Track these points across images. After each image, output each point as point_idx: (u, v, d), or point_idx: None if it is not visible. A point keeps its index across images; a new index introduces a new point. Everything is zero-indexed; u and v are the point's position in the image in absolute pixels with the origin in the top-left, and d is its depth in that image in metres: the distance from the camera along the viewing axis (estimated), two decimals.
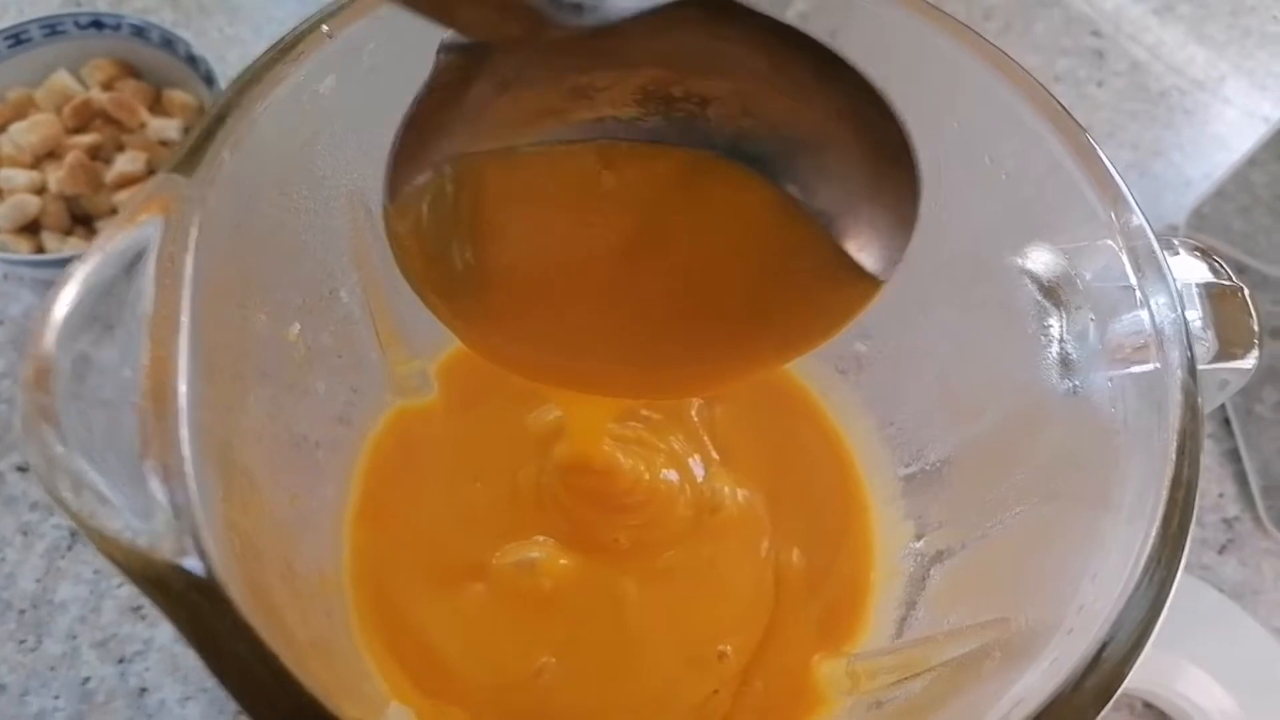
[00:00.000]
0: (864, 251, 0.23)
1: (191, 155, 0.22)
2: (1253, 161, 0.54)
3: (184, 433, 0.21)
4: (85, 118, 0.48)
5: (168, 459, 0.20)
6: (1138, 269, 0.25)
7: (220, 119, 0.23)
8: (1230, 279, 0.28)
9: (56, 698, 0.38)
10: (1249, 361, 0.27)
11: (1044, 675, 0.21)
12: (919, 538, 0.32)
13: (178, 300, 0.21)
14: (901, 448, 0.34)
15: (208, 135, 0.22)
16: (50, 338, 0.20)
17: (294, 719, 0.18)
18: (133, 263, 0.21)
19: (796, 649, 0.32)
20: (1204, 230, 0.55)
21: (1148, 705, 0.43)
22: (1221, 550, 0.47)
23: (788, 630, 0.32)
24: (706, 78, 0.22)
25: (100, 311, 0.21)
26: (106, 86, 0.49)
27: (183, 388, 0.21)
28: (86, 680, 0.39)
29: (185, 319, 0.21)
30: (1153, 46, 0.63)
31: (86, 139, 0.48)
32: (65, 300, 0.21)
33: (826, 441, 0.36)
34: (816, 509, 0.34)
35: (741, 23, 0.20)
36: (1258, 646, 0.43)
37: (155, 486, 0.20)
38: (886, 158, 0.22)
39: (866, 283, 0.23)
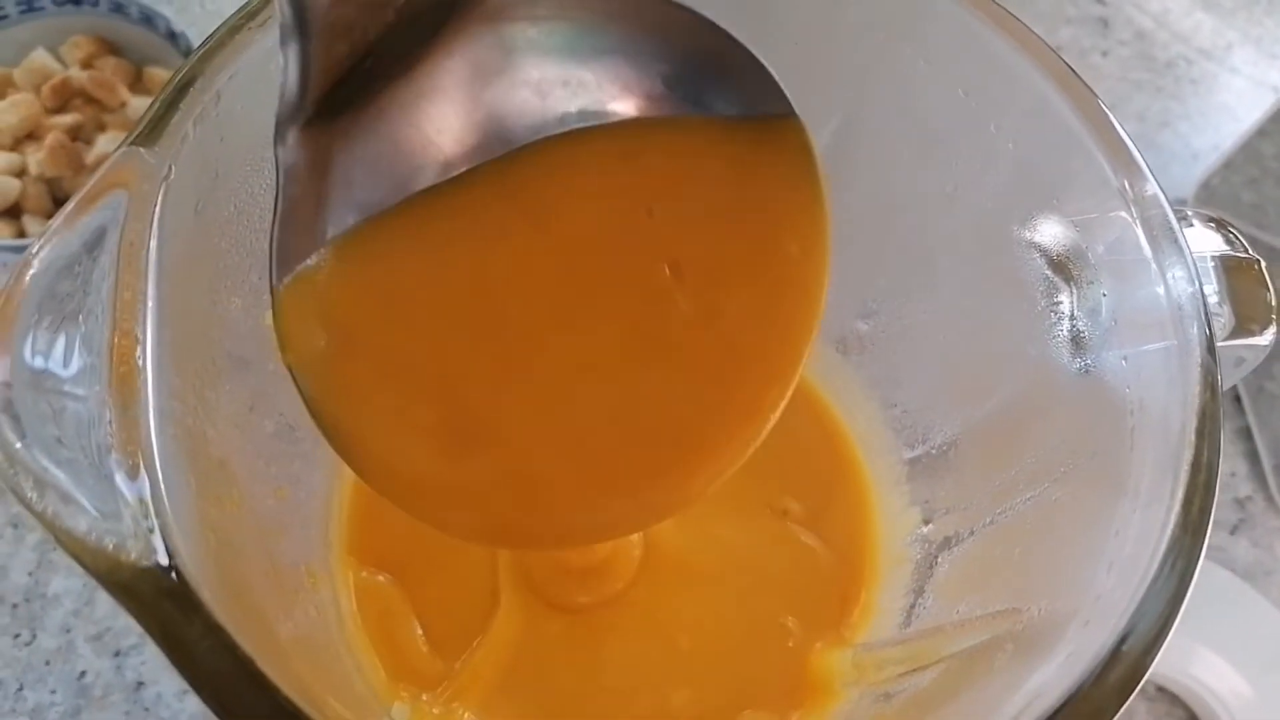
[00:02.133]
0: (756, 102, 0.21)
1: (153, 127, 0.21)
2: (1262, 132, 0.53)
3: (152, 423, 0.20)
4: (65, 97, 0.47)
5: (134, 452, 0.19)
6: (1153, 241, 0.24)
7: (183, 89, 0.21)
8: (1247, 251, 0.27)
9: (53, 692, 0.38)
10: (1267, 338, 0.26)
11: (1061, 668, 0.20)
12: (926, 523, 0.31)
13: (142, 282, 0.20)
14: (906, 430, 0.32)
15: (170, 106, 0.21)
16: (6, 325, 0.19)
17: None
18: (94, 242, 0.20)
19: (797, 639, 0.31)
20: (1212, 203, 0.54)
21: (1160, 689, 0.42)
22: (1233, 531, 0.46)
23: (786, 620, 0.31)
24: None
25: (61, 295, 0.20)
26: (86, 64, 0.48)
27: (150, 375, 0.20)
28: (83, 674, 0.38)
29: (151, 302, 0.20)
30: (1158, 15, 0.62)
31: (67, 119, 0.47)
32: (22, 284, 0.20)
33: (826, 424, 0.34)
34: (816, 496, 0.33)
35: None
36: (1271, 628, 0.42)
37: (121, 482, 0.19)
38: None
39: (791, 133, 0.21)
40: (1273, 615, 0.42)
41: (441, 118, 0.20)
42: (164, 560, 0.18)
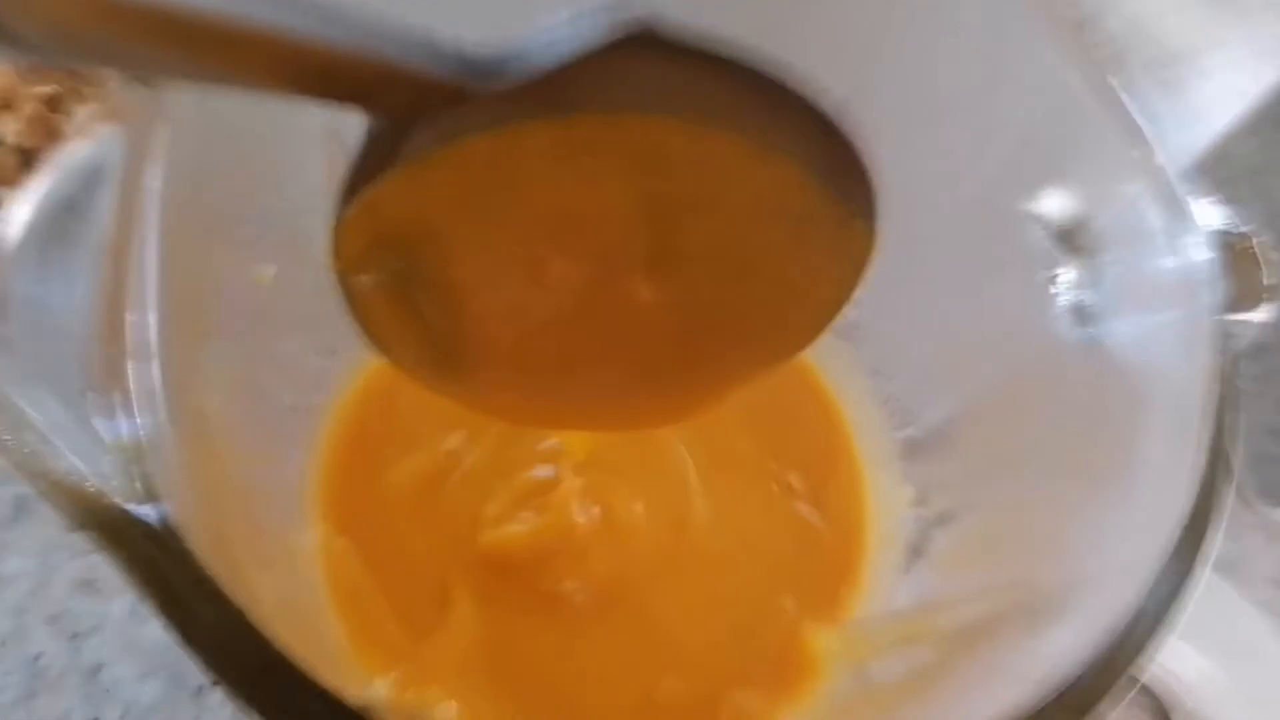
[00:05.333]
0: (843, 191, 0.22)
1: None
2: (1233, 135, 0.54)
3: (137, 367, 0.19)
4: (43, 67, 0.46)
5: (116, 394, 0.18)
6: (1162, 209, 0.23)
7: None
8: (1242, 228, 0.26)
9: (8, 674, 0.36)
10: (1259, 314, 0.26)
11: (1076, 637, 0.20)
12: (920, 501, 0.30)
13: (140, 221, 0.19)
14: (898, 407, 0.32)
15: None
16: None
17: (264, 678, 0.16)
18: (91, 178, 0.19)
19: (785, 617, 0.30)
20: None
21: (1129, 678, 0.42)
22: None
23: (774, 597, 0.31)
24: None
25: (57, 235, 0.19)
26: None
27: (140, 319, 0.19)
28: (38, 657, 0.37)
29: (147, 246, 0.19)
30: (1132, 19, 0.62)
31: (45, 89, 0.45)
32: (16, 224, 0.18)
33: (814, 399, 0.34)
34: (814, 472, 0.32)
35: (676, 53, 0.19)
36: (1245, 621, 0.42)
37: (102, 425, 0.18)
38: (834, 143, 0.21)
39: (858, 225, 0.23)
40: (1246, 609, 0.42)
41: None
42: (147, 503, 0.17)
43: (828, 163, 0.21)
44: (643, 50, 0.18)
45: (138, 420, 0.18)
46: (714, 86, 0.20)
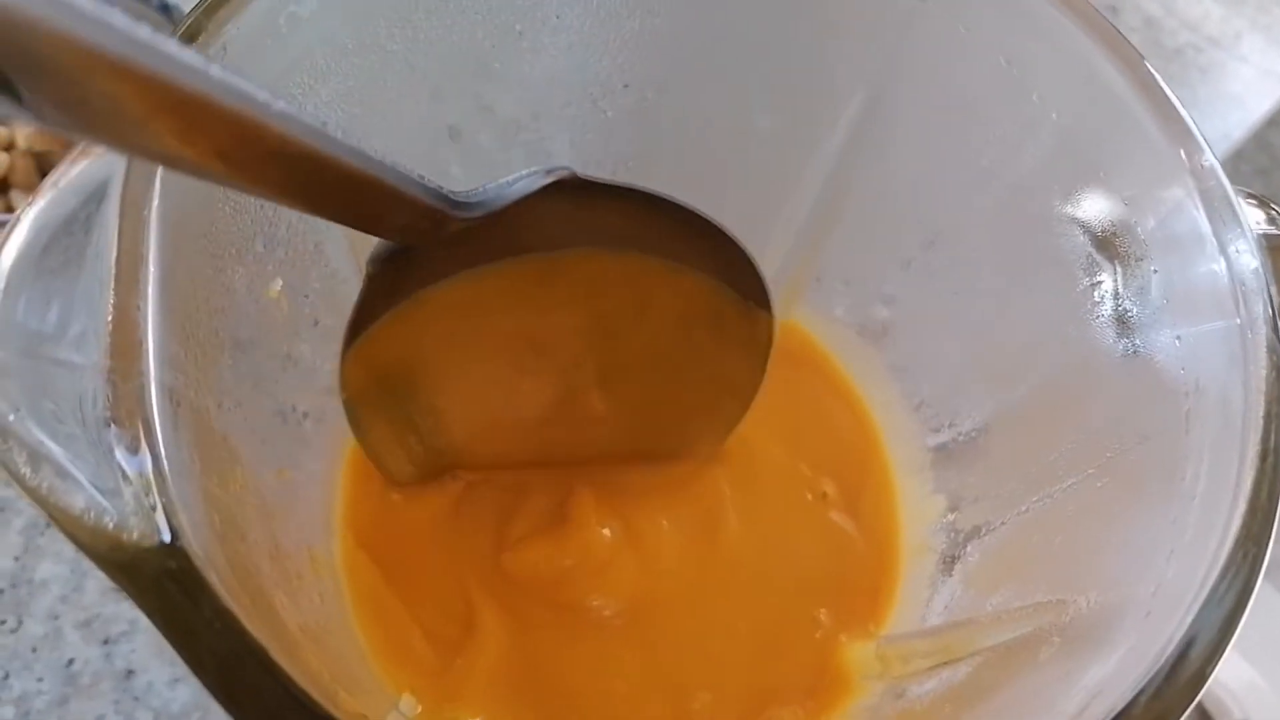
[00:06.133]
0: (744, 290, 0.27)
1: None
2: (1272, 122, 0.53)
3: (154, 395, 0.18)
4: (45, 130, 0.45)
5: (135, 425, 0.18)
6: (1211, 214, 0.22)
7: (189, 41, 0.20)
8: None
9: (40, 680, 0.36)
10: None
11: (1121, 664, 0.19)
12: (952, 511, 0.29)
13: (144, 243, 0.19)
14: (930, 414, 0.31)
15: None
16: None
17: (282, 715, 0.16)
18: (94, 196, 0.19)
19: (820, 630, 0.29)
20: None
21: None
22: None
23: (808, 610, 0.30)
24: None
25: (57, 256, 0.18)
26: None
27: (152, 344, 0.18)
28: (70, 662, 0.37)
29: (153, 266, 0.19)
30: (1167, 2, 0.61)
31: None
32: (14, 244, 0.18)
33: (844, 402, 0.33)
34: (847, 481, 0.32)
35: (599, 194, 0.24)
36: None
37: (122, 457, 0.17)
38: (731, 251, 0.26)
39: (761, 315, 0.28)
40: None
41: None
42: (168, 539, 0.17)
43: (729, 268, 0.26)
44: (574, 195, 0.23)
45: (161, 451, 0.18)
46: (630, 219, 0.25)
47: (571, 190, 0.23)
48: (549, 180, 0.23)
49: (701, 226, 0.25)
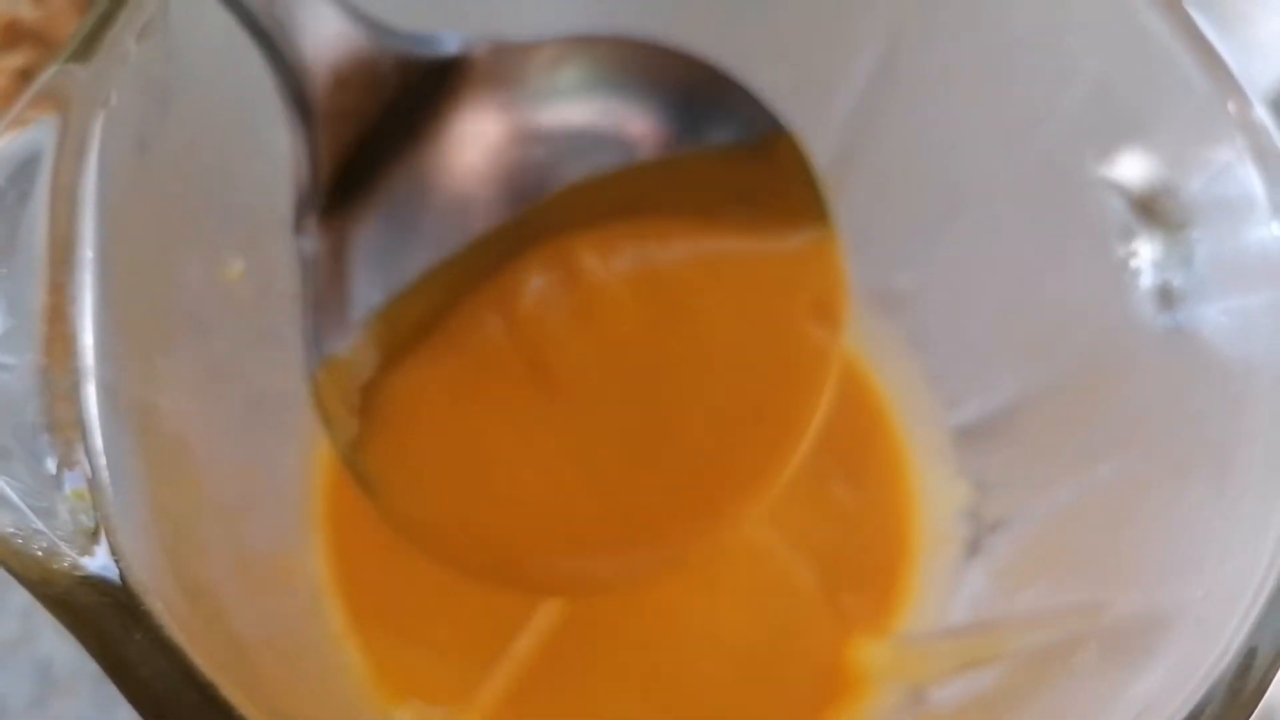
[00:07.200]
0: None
1: (88, 42, 0.17)
2: None
3: (92, 394, 0.16)
4: (14, 37, 0.43)
5: (72, 432, 0.16)
6: (1263, 173, 0.20)
7: None
8: None
9: (18, 679, 0.34)
10: None
11: (1170, 677, 0.17)
12: (976, 499, 0.27)
13: (79, 227, 0.17)
14: (951, 392, 0.29)
15: (106, 17, 0.17)
16: None
17: None
18: (19, 176, 0.17)
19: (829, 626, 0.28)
20: None
21: None
22: None
23: (817, 604, 0.28)
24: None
25: None
26: (37, 2, 0.44)
27: (89, 339, 0.17)
28: (47, 661, 0.35)
29: (91, 252, 0.17)
30: None
31: (16, 61, 0.43)
32: None
33: (863, 385, 0.31)
34: (857, 465, 0.30)
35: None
36: None
37: (55, 469, 0.16)
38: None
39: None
40: None
41: (454, 187, 0.21)
42: (108, 564, 0.15)
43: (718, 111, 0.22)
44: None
45: (101, 457, 0.16)
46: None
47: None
48: None
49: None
